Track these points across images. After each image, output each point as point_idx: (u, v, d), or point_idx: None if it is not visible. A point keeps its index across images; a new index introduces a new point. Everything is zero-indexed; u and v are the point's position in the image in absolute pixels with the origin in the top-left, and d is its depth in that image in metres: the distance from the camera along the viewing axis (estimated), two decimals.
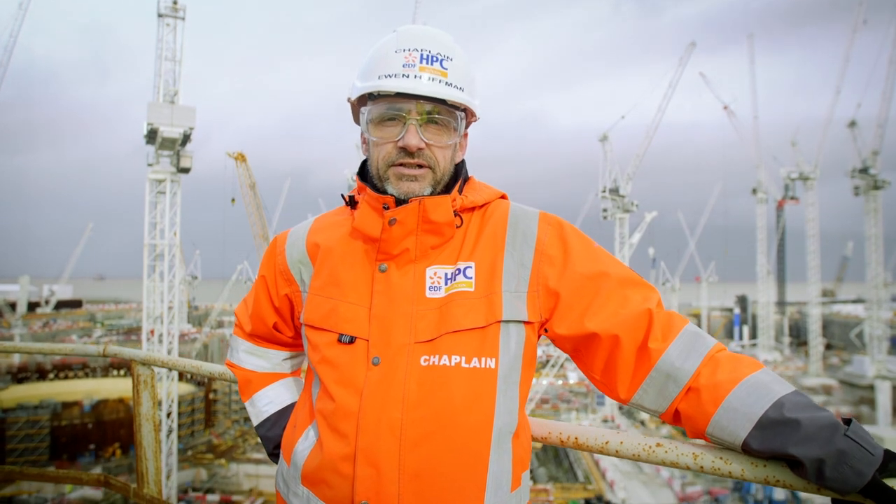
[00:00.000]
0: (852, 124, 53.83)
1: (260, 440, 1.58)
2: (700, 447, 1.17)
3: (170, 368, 2.41)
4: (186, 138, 29.27)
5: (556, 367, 46.62)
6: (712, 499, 32.24)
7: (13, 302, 65.61)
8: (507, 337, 1.21)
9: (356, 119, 1.33)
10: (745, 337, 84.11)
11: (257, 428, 1.54)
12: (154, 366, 2.48)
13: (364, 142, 1.31)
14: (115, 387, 47.00)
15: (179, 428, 34.85)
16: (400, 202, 1.25)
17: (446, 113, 1.24)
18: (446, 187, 1.30)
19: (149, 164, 29.84)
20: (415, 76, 1.20)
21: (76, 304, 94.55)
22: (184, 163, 29.86)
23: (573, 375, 65.66)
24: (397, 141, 1.23)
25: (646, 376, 1.17)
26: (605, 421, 47.04)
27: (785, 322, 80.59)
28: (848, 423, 1.00)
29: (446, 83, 1.22)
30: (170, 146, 29.27)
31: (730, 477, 1.12)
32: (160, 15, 29.39)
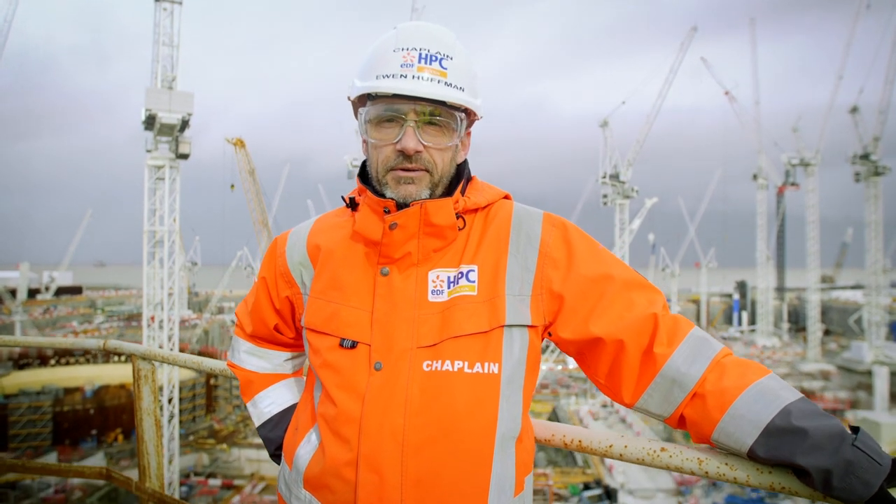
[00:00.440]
0: (854, 110, 53.60)
1: (262, 440, 1.56)
2: (705, 452, 1.16)
3: (170, 364, 2.40)
4: (185, 124, 29.12)
5: (556, 353, 46.83)
6: (710, 483, 32.52)
7: (13, 289, 65.66)
8: (511, 341, 1.20)
9: (356, 117, 1.30)
10: (744, 323, 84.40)
11: (259, 429, 1.53)
12: (155, 361, 2.48)
13: (364, 142, 1.28)
14: (117, 373, 47.19)
15: (181, 413, 35.07)
16: (401, 205, 1.23)
17: (446, 114, 1.21)
18: (448, 189, 1.28)
19: (147, 151, 29.72)
20: (413, 76, 1.17)
21: (76, 291, 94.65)
22: (182, 149, 29.74)
23: (572, 361, 65.82)
24: (395, 143, 1.20)
25: (651, 381, 1.16)
26: (605, 406, 47.26)
27: (784, 308, 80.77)
28: (856, 432, 0.98)
29: (445, 83, 1.18)
30: (168, 132, 29.12)
31: (735, 483, 1.11)
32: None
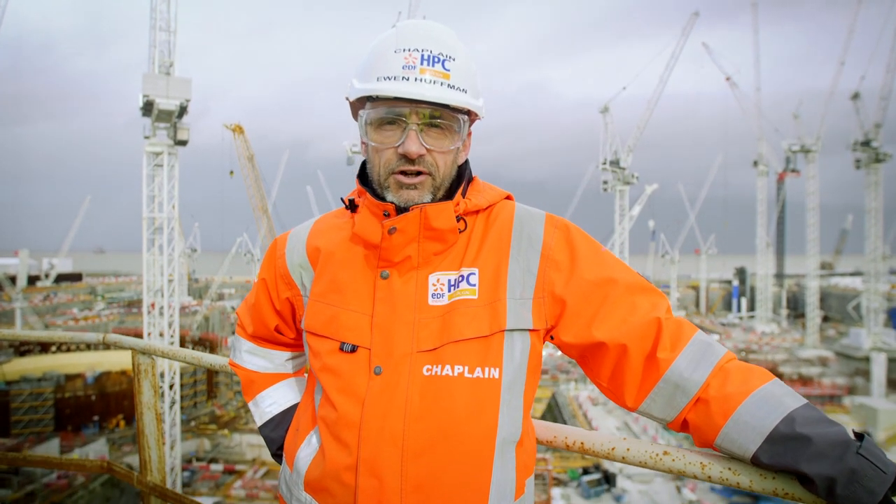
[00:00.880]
0: (855, 96, 53.35)
1: (263, 440, 1.56)
2: (708, 456, 1.16)
3: (170, 359, 2.40)
4: (183, 110, 28.96)
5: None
6: None
7: (13, 275, 65.70)
8: (512, 346, 1.19)
9: (355, 117, 1.28)
10: (744, 309, 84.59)
11: (261, 428, 1.53)
12: (154, 355, 2.47)
13: (364, 144, 1.25)
14: (118, 359, 47.35)
15: (182, 399, 35.25)
16: (400, 209, 1.21)
17: (448, 117, 1.19)
18: (449, 191, 1.26)
19: (145, 137, 29.61)
20: (415, 79, 1.15)
21: (76, 278, 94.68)
22: (181, 135, 29.61)
23: None
24: (397, 147, 1.18)
25: (654, 386, 1.15)
26: None
27: (783, 294, 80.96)
28: (860, 439, 0.98)
29: (448, 85, 1.16)
30: (166, 118, 28.98)
31: (738, 488, 1.11)
32: None
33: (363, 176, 1.30)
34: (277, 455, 1.48)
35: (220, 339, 60.43)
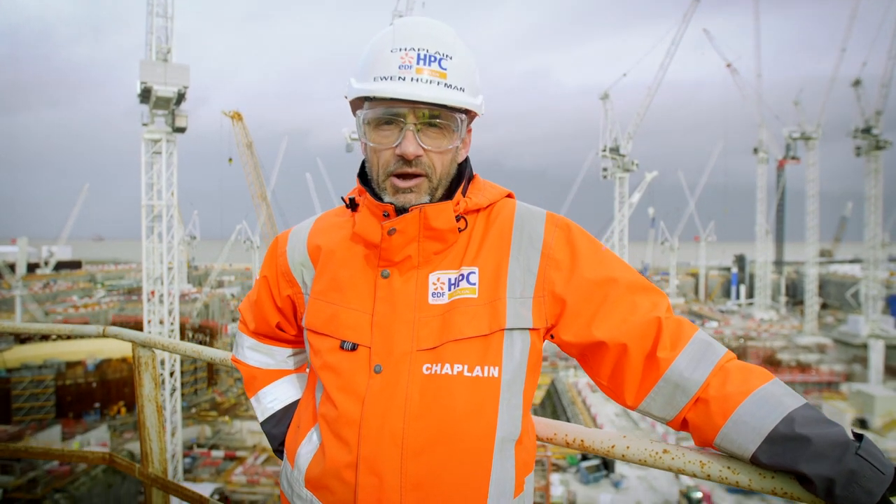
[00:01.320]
0: (856, 83, 53.08)
1: (265, 436, 1.57)
2: (707, 455, 1.16)
3: (171, 352, 2.40)
4: (181, 97, 28.80)
5: None
6: None
7: (12, 263, 65.67)
8: (512, 345, 1.19)
9: (354, 115, 1.27)
10: (742, 296, 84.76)
11: (262, 424, 1.53)
12: (155, 349, 2.48)
13: (362, 143, 1.25)
14: (118, 347, 47.40)
15: (183, 386, 35.40)
16: (400, 209, 1.22)
17: (446, 116, 1.18)
18: (449, 190, 1.26)
19: (143, 124, 29.47)
20: (412, 79, 1.13)
21: (76, 265, 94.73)
22: (179, 122, 29.47)
23: None
24: (395, 147, 1.17)
25: (653, 385, 1.16)
26: None
27: (782, 281, 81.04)
28: (860, 440, 0.98)
29: (445, 85, 1.15)
30: (164, 105, 28.83)
31: (737, 486, 1.12)
32: None
33: (363, 175, 1.29)
34: (279, 451, 1.49)
35: (220, 327, 60.48)
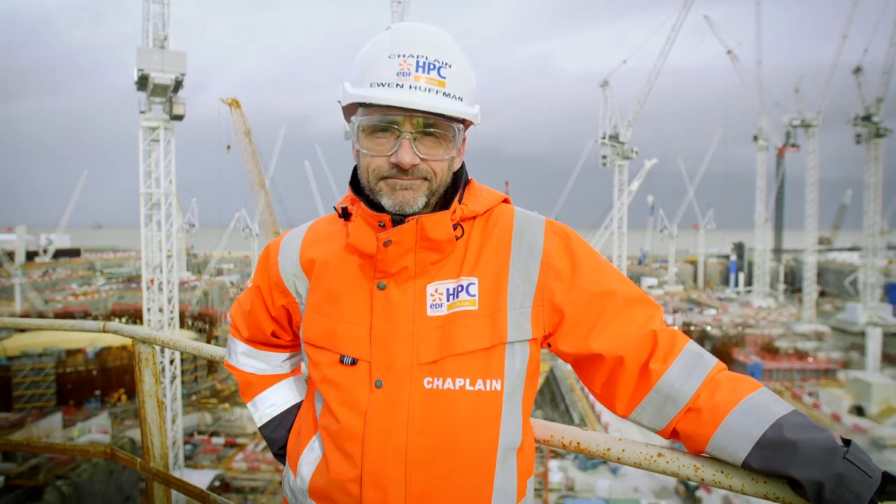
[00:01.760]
0: (857, 70, 52.82)
1: (265, 440, 1.57)
2: (701, 460, 1.18)
3: (171, 348, 2.42)
4: (178, 84, 28.63)
5: None
6: None
7: (11, 251, 65.61)
8: (513, 357, 1.19)
9: (347, 121, 1.23)
10: (741, 284, 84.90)
11: (261, 429, 1.53)
12: (155, 345, 2.49)
13: (355, 150, 1.22)
14: (118, 335, 47.46)
15: (183, 374, 35.50)
16: (395, 219, 1.19)
17: (443, 125, 1.15)
18: (445, 198, 1.24)
19: (141, 112, 29.31)
20: (410, 86, 1.11)
21: (75, 253, 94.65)
22: (177, 110, 29.32)
23: None
24: (390, 155, 1.15)
25: (644, 396, 1.17)
26: None
27: (781, 269, 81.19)
28: (847, 445, 1.00)
29: (444, 93, 1.13)
30: (161, 93, 28.66)
31: (730, 490, 1.13)
32: None
33: (355, 183, 1.27)
34: (280, 455, 1.49)
35: (220, 314, 60.64)
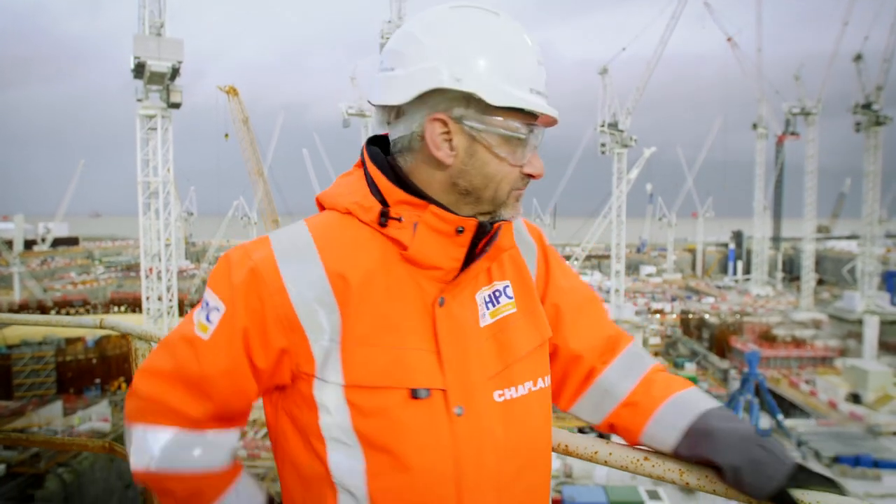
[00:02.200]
0: (858, 58, 52.57)
1: None
2: (685, 465, 1.20)
3: None
4: (175, 72, 28.54)
5: None
6: None
7: (9, 240, 65.57)
8: (546, 350, 1.22)
9: (462, 114, 1.00)
10: (739, 272, 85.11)
11: None
12: (151, 341, 2.51)
13: (450, 147, 1.02)
14: (115, 331, 47.53)
15: None
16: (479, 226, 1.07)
17: None
18: None
19: (138, 100, 29.22)
20: (546, 97, 1.06)
21: (73, 242, 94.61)
22: (174, 98, 29.25)
23: None
24: (522, 166, 1.06)
25: (585, 391, 1.27)
26: None
27: (779, 257, 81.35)
28: (764, 435, 1.11)
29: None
30: (158, 81, 28.57)
31: (715, 494, 1.16)
32: None
33: (399, 181, 1.06)
34: None
35: None
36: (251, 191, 49.93)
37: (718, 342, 51.49)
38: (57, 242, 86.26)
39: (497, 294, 1.14)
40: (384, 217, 1.05)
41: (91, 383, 42.66)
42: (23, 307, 55.49)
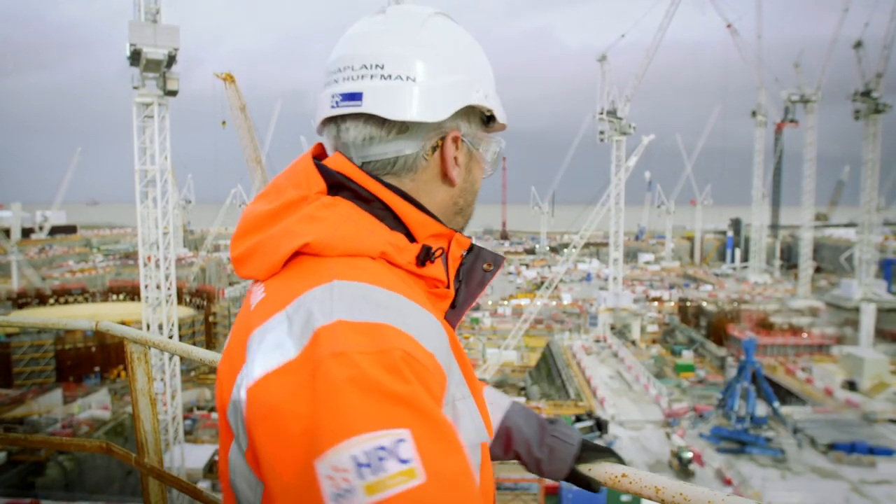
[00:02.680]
0: (858, 45, 52.35)
1: None
2: (662, 481, 1.23)
3: (161, 350, 2.46)
4: (172, 59, 28.29)
5: (551, 289, 47.44)
6: (697, 415, 33.64)
7: (6, 228, 65.45)
8: None
9: (464, 134, 0.95)
10: (738, 260, 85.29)
11: None
12: (147, 346, 2.54)
13: (455, 167, 0.95)
14: (116, 311, 47.75)
15: None
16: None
17: None
18: None
19: (134, 87, 29.03)
20: None
21: (71, 230, 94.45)
22: (170, 85, 29.02)
23: (567, 297, 66.99)
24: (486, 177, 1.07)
25: None
26: (597, 341, 48.26)
27: (777, 245, 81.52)
28: (553, 424, 1.18)
29: None
30: (155, 68, 28.34)
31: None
32: None
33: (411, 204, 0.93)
34: None
35: (217, 291, 60.81)
36: (249, 178, 49.78)
37: (716, 330, 51.68)
38: (55, 230, 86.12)
39: None
40: (428, 255, 0.90)
41: (90, 371, 42.87)
42: (21, 295, 55.66)
